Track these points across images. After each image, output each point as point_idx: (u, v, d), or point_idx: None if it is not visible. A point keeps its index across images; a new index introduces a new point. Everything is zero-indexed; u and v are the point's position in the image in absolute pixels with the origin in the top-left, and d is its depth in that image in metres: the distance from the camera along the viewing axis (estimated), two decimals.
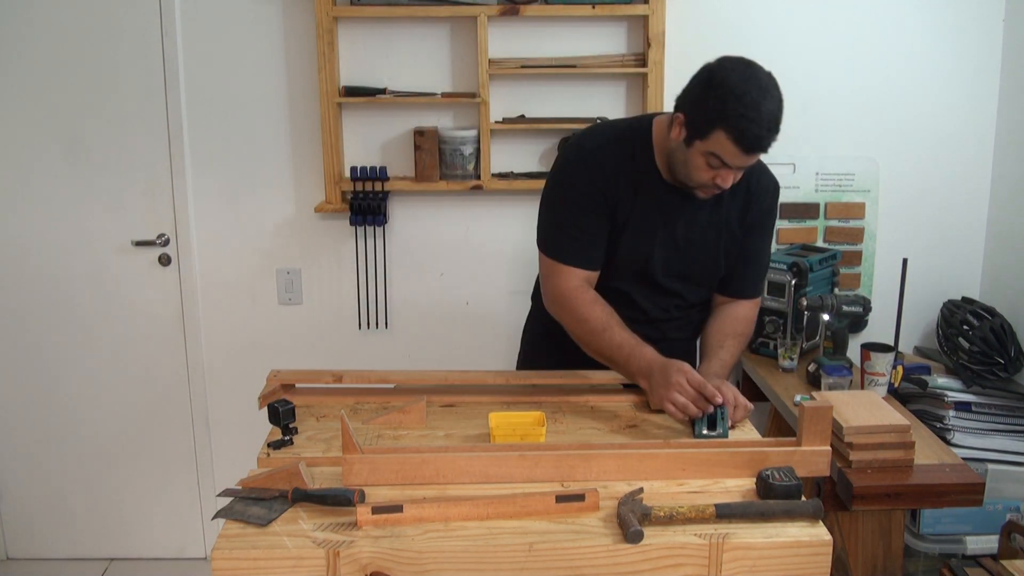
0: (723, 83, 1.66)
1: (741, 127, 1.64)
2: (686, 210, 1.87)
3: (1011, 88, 2.66)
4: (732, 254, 1.93)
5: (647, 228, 1.87)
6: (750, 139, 1.65)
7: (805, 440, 1.50)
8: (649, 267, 1.90)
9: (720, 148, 1.68)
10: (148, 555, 3.02)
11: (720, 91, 1.66)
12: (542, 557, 1.30)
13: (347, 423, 1.43)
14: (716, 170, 1.72)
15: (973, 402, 2.23)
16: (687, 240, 1.89)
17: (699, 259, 1.92)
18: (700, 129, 1.69)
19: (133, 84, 2.65)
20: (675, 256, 1.90)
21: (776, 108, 1.66)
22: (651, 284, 1.93)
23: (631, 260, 1.89)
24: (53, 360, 2.86)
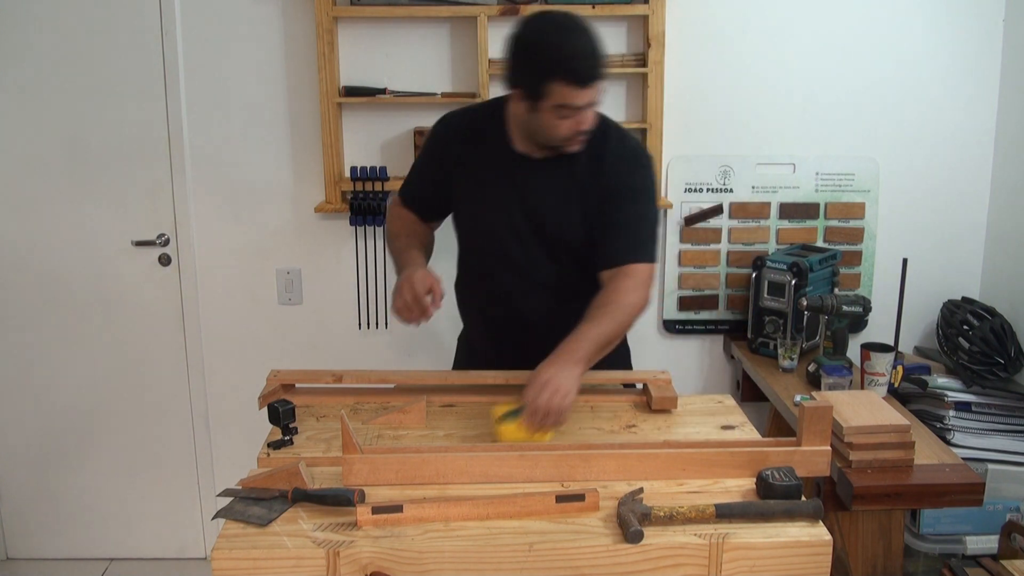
0: (536, 43, 1.74)
1: (571, 68, 1.70)
2: (539, 178, 1.89)
3: (1011, 88, 2.66)
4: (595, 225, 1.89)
5: (500, 197, 1.92)
6: (583, 73, 1.71)
7: (805, 440, 1.50)
8: (509, 235, 1.92)
9: (562, 97, 1.72)
10: (148, 555, 3.02)
11: (536, 50, 1.74)
12: (542, 557, 1.30)
13: (347, 423, 1.43)
14: (571, 119, 1.77)
15: (973, 402, 2.23)
16: (545, 208, 1.91)
17: (557, 226, 1.91)
18: (537, 91, 1.74)
19: (133, 84, 2.65)
20: (532, 225, 1.91)
21: (589, 37, 1.72)
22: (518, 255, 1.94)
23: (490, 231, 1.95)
24: (53, 360, 2.86)
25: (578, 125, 1.78)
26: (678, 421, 1.77)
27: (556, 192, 1.89)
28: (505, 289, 1.99)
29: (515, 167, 1.89)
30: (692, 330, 2.85)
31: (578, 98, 1.73)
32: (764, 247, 2.78)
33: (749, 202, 2.75)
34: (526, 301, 1.97)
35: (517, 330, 2.01)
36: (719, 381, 2.91)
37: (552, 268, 1.95)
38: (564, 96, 1.72)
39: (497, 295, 2.01)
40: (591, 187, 1.88)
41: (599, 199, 1.88)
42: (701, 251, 2.78)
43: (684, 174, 2.73)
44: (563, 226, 1.91)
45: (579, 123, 1.77)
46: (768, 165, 2.75)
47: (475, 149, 1.93)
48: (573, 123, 1.77)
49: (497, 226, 1.94)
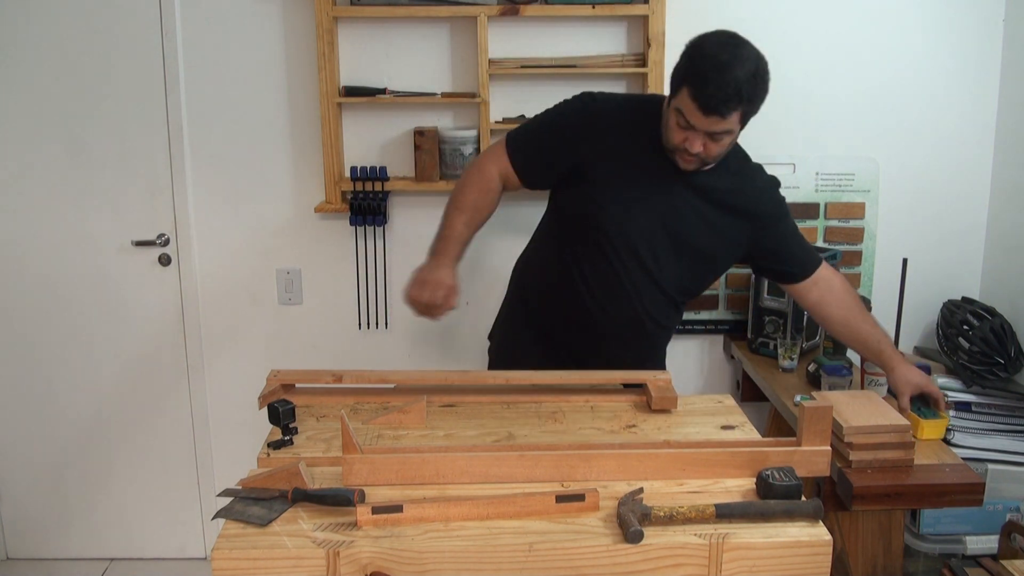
0: (700, 45, 1.76)
1: (702, 85, 1.70)
2: (686, 188, 1.90)
3: (1011, 88, 2.66)
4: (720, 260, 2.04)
5: (646, 200, 1.90)
6: (707, 98, 1.70)
7: (805, 440, 1.50)
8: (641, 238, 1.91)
9: (684, 104, 1.74)
10: (148, 555, 3.03)
11: (694, 51, 1.75)
12: (542, 557, 1.30)
13: (347, 423, 1.43)
14: (684, 131, 1.77)
15: (973, 402, 2.23)
16: (687, 224, 1.92)
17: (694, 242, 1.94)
18: (674, 87, 1.78)
19: (133, 84, 2.65)
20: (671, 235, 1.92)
21: (745, 77, 1.69)
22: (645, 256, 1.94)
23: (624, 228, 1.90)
24: (53, 360, 2.86)
25: (686, 141, 1.77)
26: (678, 421, 1.77)
27: (700, 215, 1.93)
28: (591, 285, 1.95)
29: (664, 172, 1.88)
30: (692, 330, 2.85)
31: (693, 116, 1.73)
32: None
33: None
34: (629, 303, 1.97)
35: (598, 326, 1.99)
36: (719, 381, 2.91)
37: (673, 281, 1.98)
38: (685, 105, 1.74)
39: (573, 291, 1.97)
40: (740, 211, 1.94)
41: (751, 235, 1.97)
42: None
43: None
44: (700, 241, 1.94)
45: (689, 141, 1.77)
46: (768, 165, 2.72)
47: (623, 142, 1.89)
48: (683, 136, 1.77)
49: (634, 225, 1.91)
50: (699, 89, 1.70)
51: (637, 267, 1.94)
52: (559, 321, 2.04)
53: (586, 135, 1.91)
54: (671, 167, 1.88)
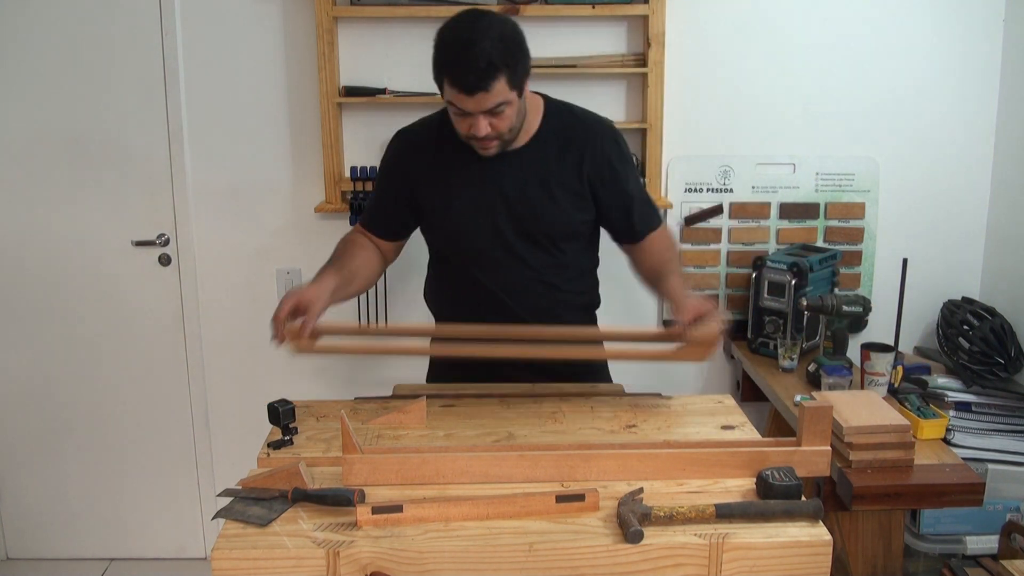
0: (442, 32, 1.74)
1: (453, 69, 1.69)
2: (512, 170, 1.88)
3: (1011, 88, 2.66)
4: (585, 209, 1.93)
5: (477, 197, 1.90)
6: (463, 79, 1.68)
7: (805, 440, 1.50)
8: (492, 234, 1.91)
9: (450, 95, 1.73)
10: (148, 555, 3.03)
11: (438, 40, 1.74)
12: (542, 557, 1.30)
13: (347, 423, 1.43)
14: (464, 119, 1.76)
15: (973, 402, 2.23)
16: (522, 202, 1.90)
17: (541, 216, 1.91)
18: (437, 82, 1.76)
19: (133, 84, 2.65)
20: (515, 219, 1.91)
21: (492, 45, 1.67)
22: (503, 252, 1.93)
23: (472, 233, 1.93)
24: (53, 360, 2.86)
25: (472, 128, 1.76)
26: (678, 421, 1.77)
27: (532, 184, 1.89)
28: (493, 287, 1.96)
29: (486, 165, 1.87)
30: None
31: (464, 102, 1.72)
32: (764, 247, 2.78)
33: (749, 202, 2.75)
34: (515, 296, 1.96)
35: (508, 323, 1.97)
36: (719, 381, 2.91)
37: (539, 258, 1.95)
38: (452, 96, 1.73)
39: (484, 295, 1.97)
40: (572, 175, 1.89)
41: (596, 186, 1.90)
42: (701, 251, 2.78)
43: (684, 174, 2.73)
44: (548, 214, 1.91)
45: (471, 126, 1.76)
46: (768, 165, 2.75)
47: (440, 156, 1.90)
48: (467, 124, 1.77)
49: (480, 227, 1.92)
50: (453, 74, 1.70)
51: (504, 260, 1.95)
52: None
53: (404, 167, 1.95)
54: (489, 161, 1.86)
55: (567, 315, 2.03)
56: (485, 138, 1.78)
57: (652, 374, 2.86)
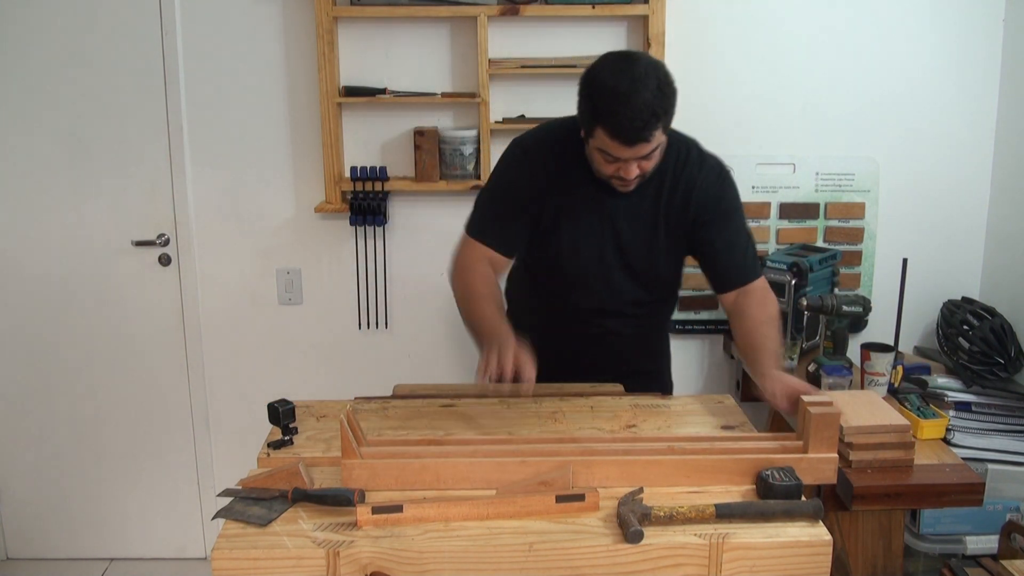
0: (594, 81, 1.70)
1: (615, 122, 1.66)
2: (626, 207, 1.88)
3: (1011, 88, 2.66)
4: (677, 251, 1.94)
5: (591, 227, 1.90)
6: (626, 132, 1.66)
7: (812, 447, 1.49)
8: (598, 265, 1.92)
9: (604, 144, 1.70)
10: (148, 555, 3.03)
11: (592, 89, 1.70)
12: (542, 557, 1.30)
13: (346, 428, 1.43)
14: (613, 164, 1.74)
15: (973, 402, 2.23)
16: (634, 240, 1.91)
17: (645, 259, 1.93)
18: (586, 129, 1.74)
19: (133, 83, 2.65)
20: (622, 256, 1.92)
21: (652, 96, 1.64)
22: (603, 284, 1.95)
23: (579, 260, 1.92)
24: (53, 360, 2.86)
25: (619, 171, 1.75)
26: (678, 421, 1.77)
27: (643, 222, 1.89)
28: (584, 313, 1.98)
29: (602, 196, 1.86)
30: (692, 330, 2.85)
31: (620, 151, 1.70)
32: (764, 247, 2.78)
33: (749, 202, 2.75)
34: (603, 324, 1.98)
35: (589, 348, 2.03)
36: (719, 381, 2.91)
37: (636, 295, 1.97)
38: (606, 144, 1.70)
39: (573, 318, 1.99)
40: (679, 216, 1.89)
41: (699, 229, 1.89)
42: None
43: None
44: (650, 258, 1.92)
45: (620, 169, 1.74)
46: (768, 165, 2.75)
47: (560, 176, 1.87)
48: (615, 168, 1.75)
49: (587, 256, 1.92)
50: (614, 127, 1.66)
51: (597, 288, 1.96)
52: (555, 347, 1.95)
53: (532, 180, 1.89)
54: (606, 188, 1.85)
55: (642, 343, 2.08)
56: (627, 180, 1.77)
57: None
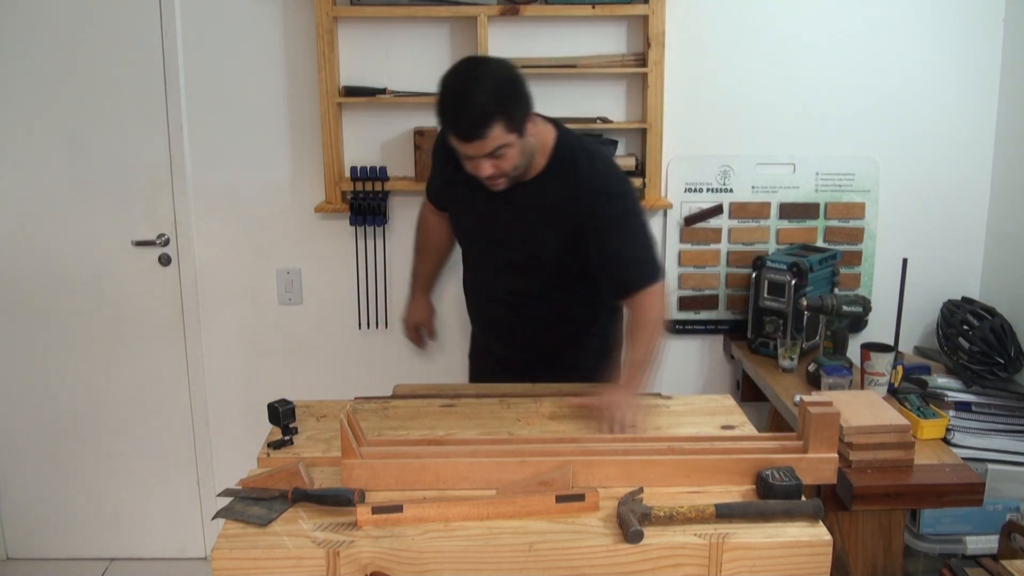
0: (441, 83, 1.82)
1: (452, 120, 1.79)
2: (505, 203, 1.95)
3: (1011, 88, 2.66)
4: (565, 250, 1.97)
5: (475, 217, 2.06)
6: (460, 129, 1.78)
7: (812, 447, 1.49)
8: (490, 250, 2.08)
9: (452, 141, 1.82)
10: (148, 555, 3.02)
11: (438, 90, 1.82)
12: (542, 557, 1.30)
13: (346, 428, 1.43)
14: (469, 161, 1.84)
15: (973, 402, 2.23)
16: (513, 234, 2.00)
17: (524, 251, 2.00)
18: (442, 131, 1.90)
19: (133, 84, 2.65)
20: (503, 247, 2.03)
21: (486, 95, 1.75)
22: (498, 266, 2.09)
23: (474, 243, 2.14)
24: (53, 360, 2.86)
25: (476, 169, 1.84)
26: (678, 421, 1.77)
27: (522, 219, 1.97)
28: (497, 291, 2.13)
29: (484, 190, 1.93)
30: (692, 330, 2.85)
31: (462, 148, 1.81)
32: (764, 247, 2.78)
33: (749, 202, 2.75)
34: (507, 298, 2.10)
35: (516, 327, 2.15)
36: (719, 381, 2.91)
37: (515, 284, 2.05)
38: (453, 142, 1.81)
39: (492, 295, 2.16)
40: (565, 216, 1.93)
41: (582, 231, 1.93)
42: (701, 251, 2.78)
43: (684, 174, 2.73)
44: (531, 251, 1.99)
45: (475, 167, 1.84)
46: (768, 165, 2.75)
47: (457, 165, 1.95)
48: (472, 166, 1.84)
49: (478, 241, 2.12)
50: (451, 124, 1.79)
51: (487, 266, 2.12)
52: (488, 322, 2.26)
53: (441, 161, 2.07)
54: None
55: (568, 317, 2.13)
56: (490, 177, 1.85)
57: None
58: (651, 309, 1.92)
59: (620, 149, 2.67)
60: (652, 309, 1.92)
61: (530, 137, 1.85)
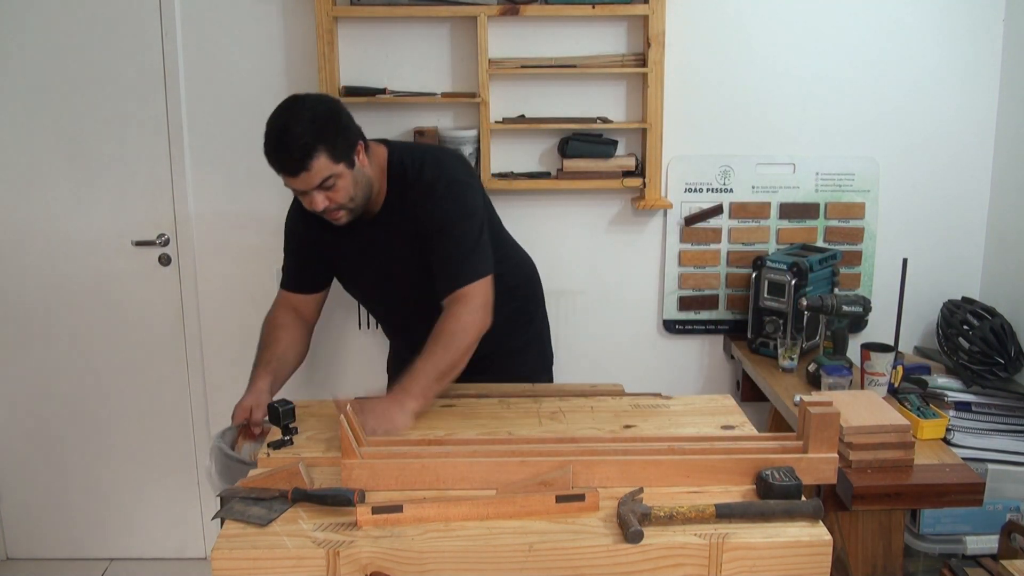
0: (266, 123, 1.84)
1: (275, 158, 1.82)
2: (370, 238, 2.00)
3: (1011, 88, 2.66)
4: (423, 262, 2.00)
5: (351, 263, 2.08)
6: (285, 164, 1.80)
7: (812, 447, 1.49)
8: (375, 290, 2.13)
9: (282, 178, 1.84)
10: (148, 555, 3.02)
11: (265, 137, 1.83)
12: (542, 557, 1.30)
13: (346, 428, 1.43)
14: (304, 197, 1.86)
15: (973, 402, 2.23)
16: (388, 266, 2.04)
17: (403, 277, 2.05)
18: None
19: (133, 84, 2.65)
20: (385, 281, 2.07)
21: (303, 129, 1.78)
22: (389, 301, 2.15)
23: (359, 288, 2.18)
24: (53, 360, 2.86)
25: (312, 204, 1.86)
26: (678, 421, 1.77)
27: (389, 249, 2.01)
28: (396, 321, 2.23)
29: (352, 233, 1.97)
30: (692, 330, 2.85)
31: (293, 183, 1.83)
32: (764, 247, 2.78)
33: (749, 202, 2.75)
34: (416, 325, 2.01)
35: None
36: (719, 381, 2.91)
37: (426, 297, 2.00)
38: (283, 179, 1.83)
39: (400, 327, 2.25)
40: (414, 229, 1.96)
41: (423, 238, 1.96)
42: (701, 251, 2.78)
43: (684, 174, 2.73)
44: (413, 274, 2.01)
45: (310, 202, 1.86)
46: (768, 165, 2.75)
47: (319, 226, 1.98)
48: (308, 201, 1.86)
49: (367, 286, 2.15)
50: (275, 160, 1.81)
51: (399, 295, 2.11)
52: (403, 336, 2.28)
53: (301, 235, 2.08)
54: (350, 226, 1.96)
55: None
56: (326, 211, 1.87)
57: (652, 374, 2.86)
58: (463, 315, 1.86)
59: (620, 149, 2.67)
60: (465, 314, 1.86)
61: (363, 168, 1.89)
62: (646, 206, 2.66)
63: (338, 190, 1.84)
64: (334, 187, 1.83)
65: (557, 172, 2.67)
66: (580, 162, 2.63)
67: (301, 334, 2.10)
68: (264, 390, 1.89)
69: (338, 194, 1.85)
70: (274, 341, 2.03)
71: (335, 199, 1.85)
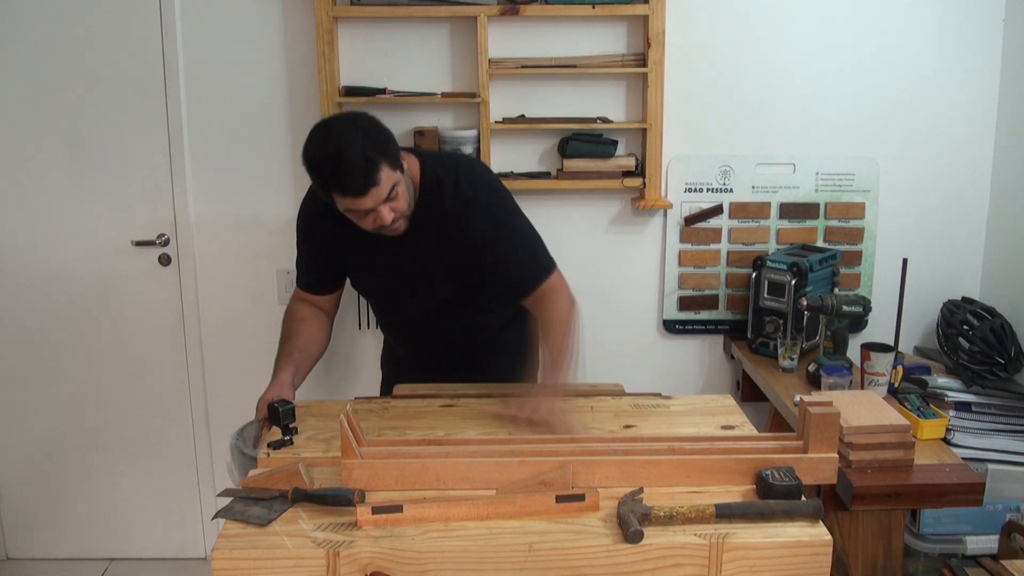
0: (309, 158, 1.78)
1: (340, 183, 1.74)
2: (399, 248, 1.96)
3: (1011, 88, 2.66)
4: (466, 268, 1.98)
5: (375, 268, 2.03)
6: (355, 186, 1.73)
7: (812, 447, 1.49)
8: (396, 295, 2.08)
9: (347, 204, 1.78)
10: (148, 555, 3.02)
11: (310, 166, 1.78)
12: (542, 557, 1.30)
13: (346, 428, 1.43)
14: (367, 217, 1.81)
15: (973, 402, 2.23)
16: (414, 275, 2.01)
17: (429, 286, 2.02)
18: (329, 201, 1.81)
19: (133, 84, 2.65)
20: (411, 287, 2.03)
21: (360, 146, 1.73)
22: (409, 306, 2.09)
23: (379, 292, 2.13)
24: (53, 360, 2.86)
25: (376, 221, 1.82)
26: (678, 421, 1.77)
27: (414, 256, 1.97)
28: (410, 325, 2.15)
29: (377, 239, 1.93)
30: (692, 330, 2.85)
31: (361, 204, 1.77)
32: (764, 247, 2.78)
33: (749, 202, 2.75)
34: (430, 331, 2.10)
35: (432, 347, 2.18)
36: (719, 381, 2.91)
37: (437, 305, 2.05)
38: (349, 204, 1.78)
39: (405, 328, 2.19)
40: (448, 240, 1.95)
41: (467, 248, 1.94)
42: (701, 251, 2.78)
43: (684, 174, 2.73)
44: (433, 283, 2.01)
45: (375, 219, 1.82)
46: (768, 165, 2.75)
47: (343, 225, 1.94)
48: (371, 220, 1.82)
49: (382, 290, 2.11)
50: (339, 187, 1.75)
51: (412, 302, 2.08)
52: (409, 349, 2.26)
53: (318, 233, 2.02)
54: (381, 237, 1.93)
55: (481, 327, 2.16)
56: (392, 223, 1.84)
57: (652, 374, 2.86)
58: (552, 307, 1.93)
59: (620, 149, 2.67)
60: (554, 306, 1.93)
61: (409, 172, 1.89)
62: (646, 206, 2.66)
63: (399, 198, 1.82)
64: (396, 196, 1.81)
65: (557, 172, 2.67)
66: (580, 162, 2.63)
67: (322, 324, 2.10)
68: (287, 383, 1.89)
69: (400, 202, 1.82)
70: (295, 334, 2.03)
71: (398, 208, 1.83)
